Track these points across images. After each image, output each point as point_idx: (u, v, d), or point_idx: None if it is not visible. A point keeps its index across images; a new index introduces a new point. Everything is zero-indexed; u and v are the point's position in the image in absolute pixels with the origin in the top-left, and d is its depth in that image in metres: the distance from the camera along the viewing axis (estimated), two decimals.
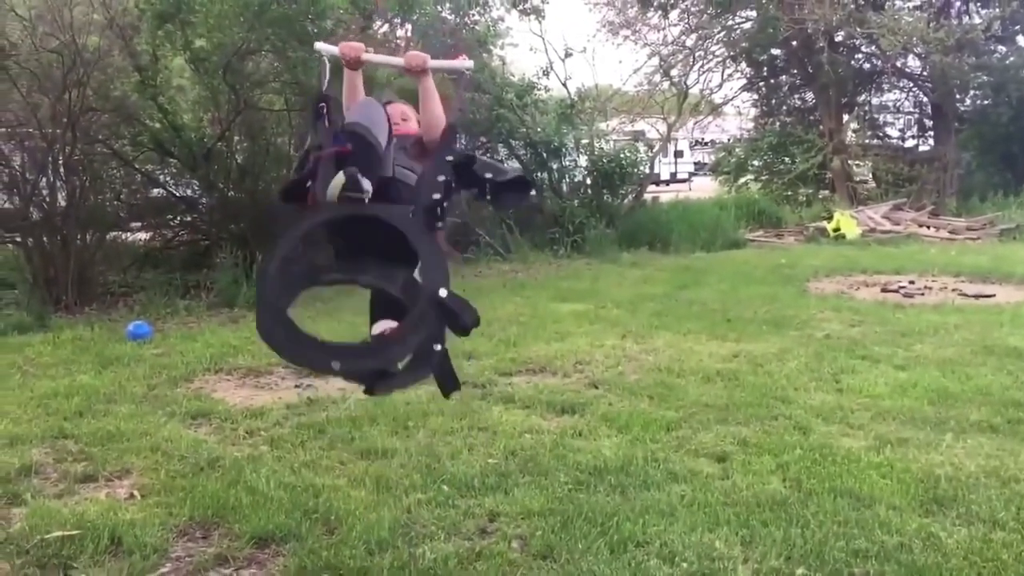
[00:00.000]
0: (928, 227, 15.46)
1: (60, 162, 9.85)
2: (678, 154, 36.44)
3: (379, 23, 11.76)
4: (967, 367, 6.12)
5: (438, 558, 3.35)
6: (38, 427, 5.02)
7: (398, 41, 12.04)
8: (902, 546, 3.42)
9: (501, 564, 3.32)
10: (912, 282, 10.23)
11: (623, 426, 4.93)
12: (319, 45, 3.42)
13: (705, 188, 23.04)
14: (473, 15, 13.25)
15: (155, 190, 11.60)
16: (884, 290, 9.81)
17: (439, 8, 12.45)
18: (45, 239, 9.79)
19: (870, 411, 5.18)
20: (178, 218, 11.90)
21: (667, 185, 29.14)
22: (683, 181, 33.67)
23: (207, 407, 5.48)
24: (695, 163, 37.24)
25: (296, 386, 6.10)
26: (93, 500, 3.92)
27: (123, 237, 11.41)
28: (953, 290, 9.76)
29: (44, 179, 9.96)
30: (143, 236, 11.80)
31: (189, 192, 11.68)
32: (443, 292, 2.81)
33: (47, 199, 9.95)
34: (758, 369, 6.24)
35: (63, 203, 10.00)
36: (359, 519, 3.65)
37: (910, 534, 3.51)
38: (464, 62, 3.43)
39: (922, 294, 9.55)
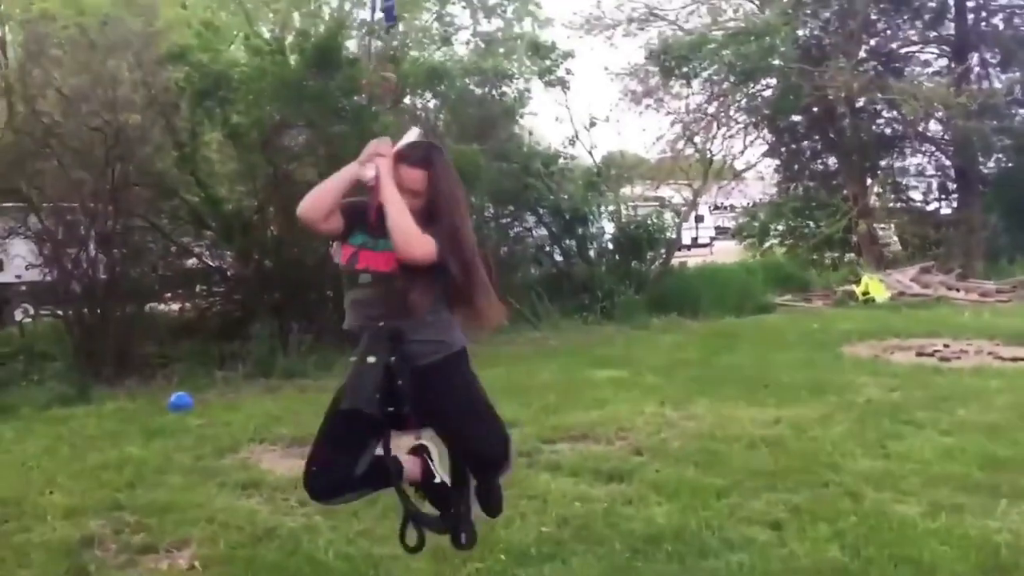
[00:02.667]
0: (958, 290, 15.44)
1: (100, 236, 10.10)
2: (699, 219, 36.63)
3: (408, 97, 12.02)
4: (1014, 432, 6.09)
5: None
6: (92, 499, 5.08)
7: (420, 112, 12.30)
8: None
9: None
10: (947, 345, 10.19)
11: (672, 493, 4.93)
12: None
13: (727, 252, 23.13)
14: (501, 87, 13.54)
15: (189, 261, 11.82)
16: (919, 354, 9.78)
17: (467, 81, 12.76)
18: (86, 311, 9.99)
19: (920, 477, 5.15)
20: (213, 288, 12.09)
21: (688, 250, 29.28)
22: (704, 246, 33.77)
23: (256, 477, 5.52)
24: (716, 227, 37.39)
25: None
26: (156, 571, 3.96)
27: (158, 308, 11.63)
28: (989, 353, 9.71)
29: (84, 253, 10.21)
30: (177, 307, 11.99)
31: (223, 264, 11.90)
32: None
33: (88, 272, 10.17)
34: (802, 435, 6.23)
35: (103, 276, 10.23)
36: None
37: None
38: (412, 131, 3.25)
39: (958, 358, 9.50)
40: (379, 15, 11.67)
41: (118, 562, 4.12)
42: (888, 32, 19.81)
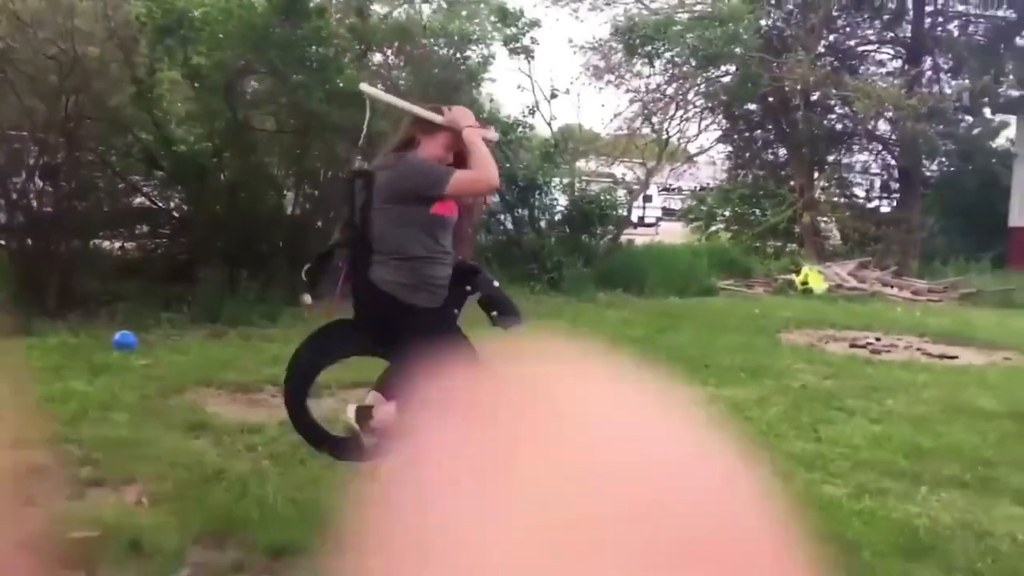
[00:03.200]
0: (892, 287, 15.90)
1: (49, 167, 9.91)
2: (647, 199, 36.98)
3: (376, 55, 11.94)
4: (938, 424, 6.38)
5: None
6: (37, 430, 5.05)
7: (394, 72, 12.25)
8: None
9: None
10: (879, 339, 10.55)
11: None
12: (365, 87, 3.61)
13: (672, 233, 23.42)
14: (465, 51, 13.49)
15: (138, 201, 11.65)
16: (853, 345, 10.11)
17: (432, 42, 12.71)
18: (30, 242, 9.82)
19: (848, 461, 5.40)
20: (160, 230, 11.94)
21: (635, 228, 29.59)
22: (651, 225, 34.12)
23: (203, 420, 5.56)
24: (663, 208, 37.78)
25: None
26: (105, 504, 4.01)
27: (103, 245, 11.45)
28: (918, 349, 10.07)
29: (31, 183, 10.01)
30: (123, 245, 11.81)
31: (173, 205, 11.75)
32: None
33: (33, 203, 9.98)
34: (739, 415, 6.44)
35: (48, 208, 10.04)
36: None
37: None
38: (490, 132, 3.85)
39: (889, 351, 9.86)
40: None
41: (66, 493, 4.14)
42: (847, 29, 20.18)
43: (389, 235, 3.62)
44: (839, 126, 20.12)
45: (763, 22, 18.19)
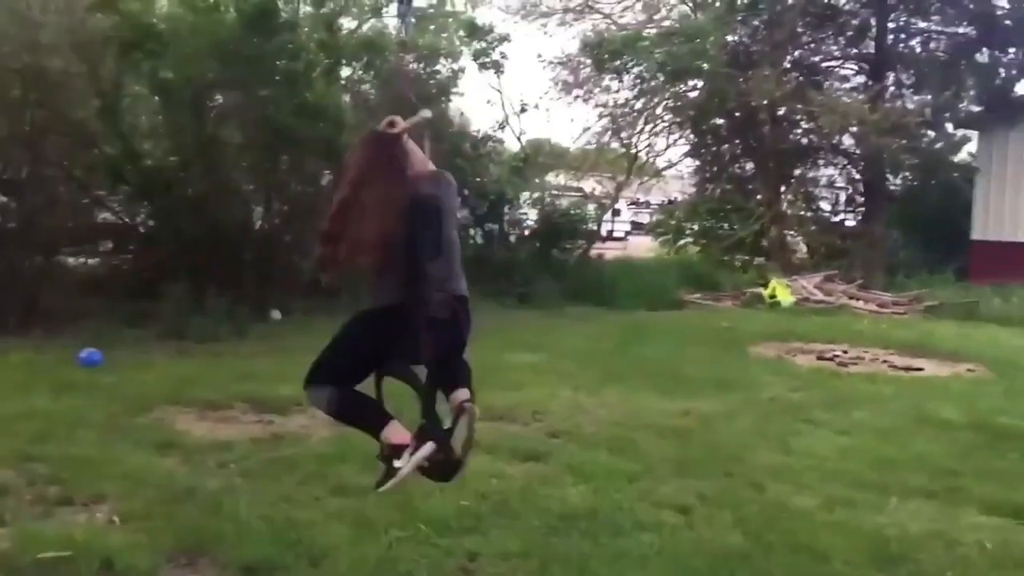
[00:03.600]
0: (858, 300, 16.07)
1: (12, 182, 9.79)
2: (615, 212, 37.13)
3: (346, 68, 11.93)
4: (904, 435, 6.45)
5: None
6: (2, 448, 4.99)
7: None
8: None
9: None
10: (845, 352, 10.65)
11: (587, 475, 5.10)
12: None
13: (641, 247, 23.55)
14: (435, 65, 13.54)
15: (102, 216, 11.52)
16: (820, 358, 10.20)
17: (403, 56, 12.73)
18: None
19: (817, 472, 5.44)
20: (127, 245, 11.82)
21: (603, 243, 29.71)
22: (619, 239, 34.27)
23: (172, 438, 5.51)
24: (632, 222, 37.96)
25: (258, 420, 6.15)
26: (75, 523, 3.95)
27: (68, 261, 11.30)
28: (884, 361, 10.18)
29: None
30: (87, 261, 11.67)
31: (139, 220, 11.63)
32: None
33: None
34: (708, 427, 6.49)
35: (11, 224, 9.92)
36: (344, 554, 3.75)
37: None
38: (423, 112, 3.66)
39: (856, 364, 9.95)
40: None
41: (34, 512, 4.09)
42: (812, 45, 20.40)
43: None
44: (805, 141, 20.33)
45: (730, 38, 18.38)
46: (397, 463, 3.31)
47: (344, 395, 3.38)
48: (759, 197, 19.57)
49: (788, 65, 19.31)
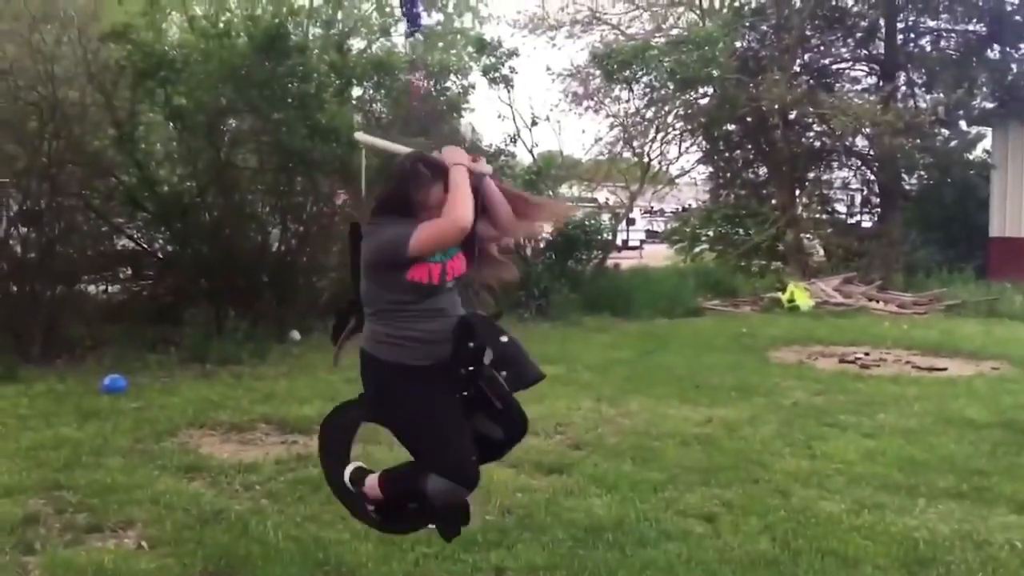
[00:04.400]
0: (877, 301, 15.99)
1: (31, 213, 9.88)
2: (630, 222, 37.13)
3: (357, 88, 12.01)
4: (930, 436, 6.42)
5: None
6: (30, 478, 5.04)
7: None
8: None
9: None
10: (867, 354, 10.60)
11: (611, 486, 5.10)
12: (360, 136, 3.56)
13: (656, 256, 23.51)
14: (445, 82, 13.60)
15: (121, 243, 11.61)
16: (842, 361, 10.16)
17: (416, 74, 12.81)
18: (14, 288, 9.77)
19: (844, 476, 5.42)
20: (145, 272, 11.89)
21: (619, 252, 29.69)
22: (634, 248, 34.24)
23: (198, 461, 5.54)
24: (646, 231, 37.92)
25: (282, 441, 6.18)
26: (104, 550, 3.98)
27: (88, 289, 11.39)
28: (907, 362, 10.13)
29: (15, 229, 9.98)
30: (108, 289, 11.75)
31: (157, 246, 11.72)
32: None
33: (17, 250, 9.94)
34: (732, 434, 6.47)
35: (32, 254, 10.01)
36: (371, 572, 3.76)
37: None
38: (481, 164, 3.41)
39: (878, 365, 9.90)
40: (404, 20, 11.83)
41: (64, 540, 4.12)
42: (821, 48, 20.38)
43: (373, 293, 3.32)
44: (818, 143, 20.27)
45: (738, 44, 18.39)
46: None
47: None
48: (774, 201, 19.52)
49: (798, 69, 19.29)
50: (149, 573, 3.66)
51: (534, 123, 15.23)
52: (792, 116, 18.46)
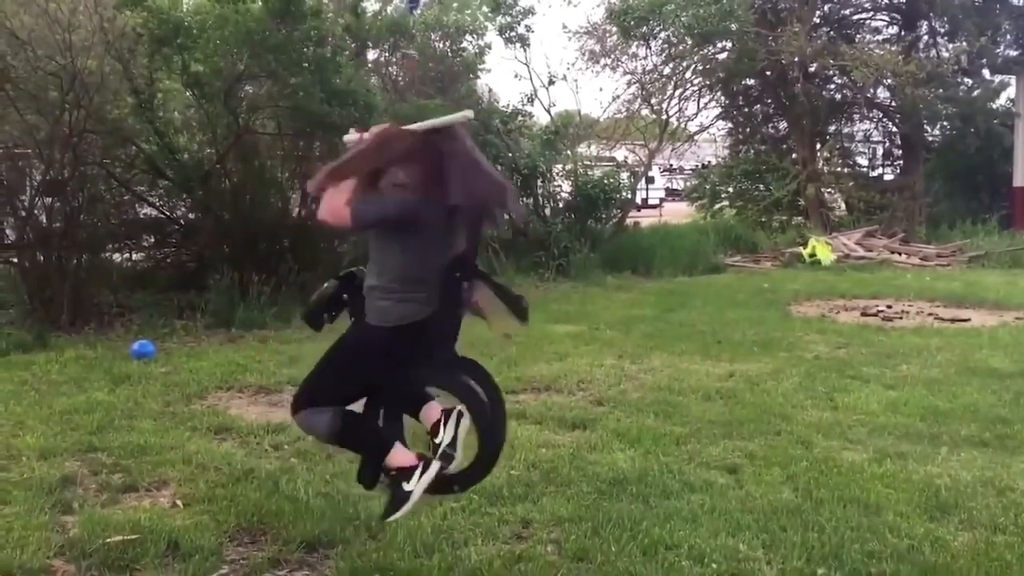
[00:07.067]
0: (900, 254, 15.91)
1: (55, 183, 9.96)
2: (649, 180, 36.94)
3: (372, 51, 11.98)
4: (953, 386, 6.43)
5: (483, 559, 3.56)
6: (65, 441, 5.15)
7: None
8: (912, 548, 3.68)
9: (542, 565, 3.54)
10: (890, 306, 10.58)
11: (634, 440, 5.16)
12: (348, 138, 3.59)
13: (677, 213, 23.43)
14: (462, 43, 13.55)
15: (144, 211, 11.71)
16: (864, 314, 10.15)
17: (431, 35, 12.75)
18: (40, 258, 9.90)
19: (866, 427, 5.46)
20: (168, 239, 12.01)
21: (639, 211, 29.59)
22: (654, 207, 34.09)
23: (227, 423, 5.63)
24: (666, 189, 37.73)
25: None
26: (140, 508, 4.08)
27: (112, 257, 11.52)
28: (929, 314, 10.12)
29: (39, 199, 10.08)
30: (131, 256, 11.88)
31: (178, 214, 11.81)
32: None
33: (42, 219, 10.05)
34: (754, 388, 6.51)
35: (57, 223, 10.11)
36: (400, 525, 3.83)
37: (919, 537, 3.78)
38: (463, 113, 3.39)
39: (900, 318, 9.89)
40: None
41: (101, 500, 4.22)
42: None
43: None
44: (838, 96, 20.08)
45: None
46: (407, 486, 3.31)
47: (346, 418, 3.42)
48: (794, 156, 19.40)
49: (818, 20, 19.09)
50: (185, 529, 3.76)
51: (551, 82, 15.19)
52: (812, 69, 18.28)
